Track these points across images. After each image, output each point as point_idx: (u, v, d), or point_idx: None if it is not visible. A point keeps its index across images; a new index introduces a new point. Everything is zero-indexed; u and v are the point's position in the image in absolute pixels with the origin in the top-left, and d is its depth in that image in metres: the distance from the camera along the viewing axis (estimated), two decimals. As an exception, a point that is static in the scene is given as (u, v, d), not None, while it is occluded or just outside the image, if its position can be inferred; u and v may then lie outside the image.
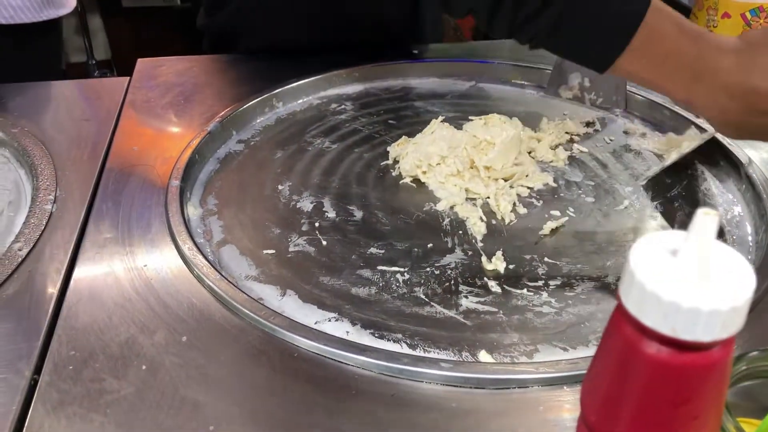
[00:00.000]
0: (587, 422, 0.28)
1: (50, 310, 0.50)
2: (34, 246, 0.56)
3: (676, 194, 0.67)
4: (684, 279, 0.24)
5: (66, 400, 0.43)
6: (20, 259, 0.54)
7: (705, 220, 0.24)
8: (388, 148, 0.73)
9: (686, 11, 1.49)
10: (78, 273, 0.54)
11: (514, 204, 0.65)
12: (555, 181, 0.69)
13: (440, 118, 0.74)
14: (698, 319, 0.23)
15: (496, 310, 0.53)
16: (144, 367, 0.46)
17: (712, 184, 0.69)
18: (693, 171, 0.71)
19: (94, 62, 2.23)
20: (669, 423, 0.25)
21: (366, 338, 0.50)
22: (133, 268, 0.55)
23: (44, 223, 0.58)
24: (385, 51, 0.92)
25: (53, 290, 0.52)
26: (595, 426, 0.28)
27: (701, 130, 0.72)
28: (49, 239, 0.57)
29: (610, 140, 0.77)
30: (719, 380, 0.26)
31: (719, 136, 0.71)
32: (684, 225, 0.64)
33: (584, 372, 0.45)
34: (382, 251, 0.59)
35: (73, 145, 0.70)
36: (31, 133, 0.71)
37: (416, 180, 0.69)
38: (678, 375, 0.25)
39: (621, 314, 0.26)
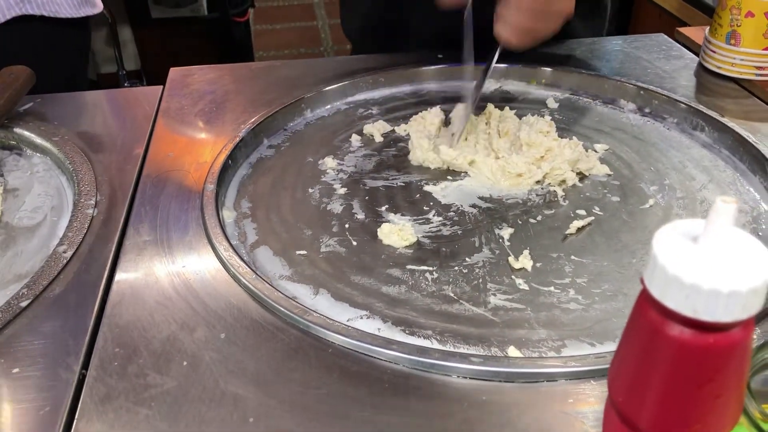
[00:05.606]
0: (615, 404, 0.29)
1: (95, 309, 0.52)
2: (77, 248, 0.58)
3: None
4: (704, 263, 0.25)
5: (112, 394, 0.46)
6: (65, 261, 0.56)
7: (723, 207, 0.25)
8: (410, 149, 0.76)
9: (709, 11, 1.49)
10: (120, 274, 0.56)
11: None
12: (581, 180, 0.70)
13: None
14: (718, 300, 0.24)
15: (524, 307, 0.54)
16: (185, 363, 0.48)
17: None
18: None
19: (124, 72, 2.29)
20: (693, 402, 0.26)
21: (397, 335, 0.51)
22: (172, 269, 0.57)
23: (86, 226, 0.61)
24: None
25: (97, 290, 0.54)
26: (622, 407, 0.29)
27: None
28: (91, 242, 0.60)
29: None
30: (740, 360, 0.27)
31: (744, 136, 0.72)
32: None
33: (612, 365, 0.47)
34: (411, 251, 0.61)
35: (111, 152, 0.73)
36: (71, 141, 0.74)
37: (443, 179, 0.70)
38: (700, 355, 0.26)
39: (645, 299, 0.27)
